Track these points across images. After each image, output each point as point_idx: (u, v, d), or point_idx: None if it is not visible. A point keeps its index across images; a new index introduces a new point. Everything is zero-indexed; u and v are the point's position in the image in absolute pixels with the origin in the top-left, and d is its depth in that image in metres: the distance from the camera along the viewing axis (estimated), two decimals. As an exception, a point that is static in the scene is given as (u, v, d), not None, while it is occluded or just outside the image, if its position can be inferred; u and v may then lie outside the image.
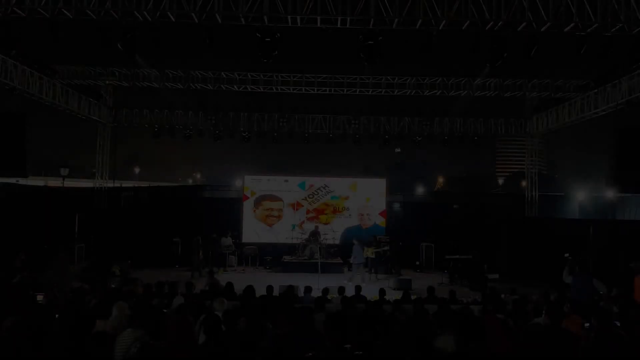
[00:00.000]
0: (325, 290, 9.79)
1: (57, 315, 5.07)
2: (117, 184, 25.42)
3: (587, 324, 4.83)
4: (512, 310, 7.12)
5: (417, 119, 19.56)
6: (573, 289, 8.75)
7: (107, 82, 18.02)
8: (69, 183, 26.35)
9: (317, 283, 13.15)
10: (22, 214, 15.96)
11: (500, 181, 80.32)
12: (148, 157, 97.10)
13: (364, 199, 19.65)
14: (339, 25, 10.22)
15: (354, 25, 10.19)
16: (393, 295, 11.41)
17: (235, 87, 17.94)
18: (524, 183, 23.88)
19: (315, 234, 17.74)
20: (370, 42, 9.91)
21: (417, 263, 18.08)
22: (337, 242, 18.76)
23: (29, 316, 4.32)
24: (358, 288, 9.77)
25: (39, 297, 7.24)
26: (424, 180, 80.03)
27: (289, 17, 10.01)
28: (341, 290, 9.66)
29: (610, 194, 20.14)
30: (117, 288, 10.22)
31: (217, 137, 19.87)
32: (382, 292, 9.17)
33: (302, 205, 19.50)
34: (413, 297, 9.32)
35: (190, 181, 78.37)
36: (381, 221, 19.45)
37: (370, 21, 10.04)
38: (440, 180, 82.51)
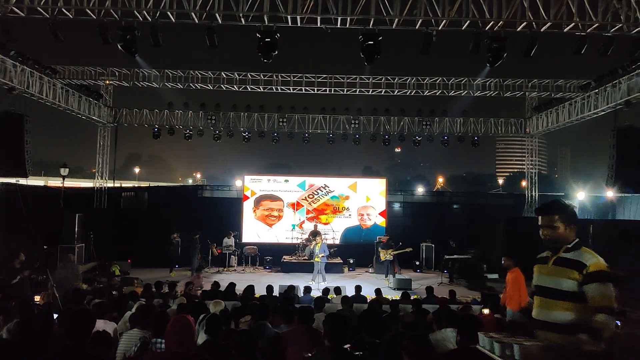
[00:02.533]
0: (326, 290, 9.82)
1: (56, 315, 5.08)
2: (117, 184, 25.41)
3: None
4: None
5: (417, 119, 19.57)
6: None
7: (107, 82, 18.04)
8: (69, 183, 26.31)
9: (317, 283, 13.19)
10: (21, 214, 15.94)
11: (500, 181, 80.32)
12: (148, 157, 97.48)
13: (364, 199, 19.64)
14: (339, 25, 10.23)
15: (354, 25, 10.19)
16: (393, 295, 11.43)
17: (235, 87, 17.98)
18: (524, 183, 23.88)
19: (315, 233, 17.74)
20: (370, 42, 9.91)
21: (417, 263, 18.09)
22: (337, 242, 18.78)
23: (29, 317, 4.33)
24: (358, 288, 9.77)
25: (37, 298, 7.25)
26: (424, 180, 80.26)
27: (289, 17, 10.01)
28: (338, 290, 9.68)
29: (610, 194, 20.11)
30: (117, 288, 10.26)
31: (217, 137, 19.88)
32: (377, 292, 9.17)
33: (302, 205, 19.50)
34: (413, 298, 9.33)
35: (190, 181, 78.51)
36: (381, 221, 19.44)
37: (370, 21, 10.05)
38: (440, 180, 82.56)
